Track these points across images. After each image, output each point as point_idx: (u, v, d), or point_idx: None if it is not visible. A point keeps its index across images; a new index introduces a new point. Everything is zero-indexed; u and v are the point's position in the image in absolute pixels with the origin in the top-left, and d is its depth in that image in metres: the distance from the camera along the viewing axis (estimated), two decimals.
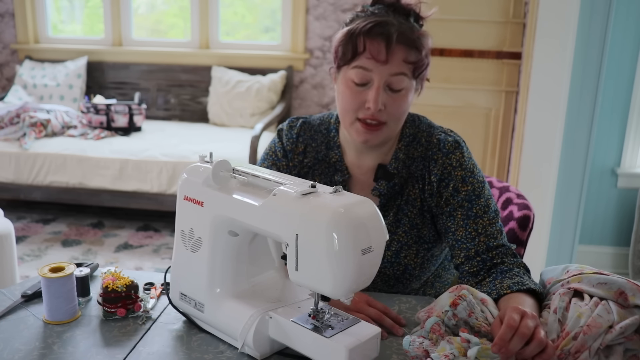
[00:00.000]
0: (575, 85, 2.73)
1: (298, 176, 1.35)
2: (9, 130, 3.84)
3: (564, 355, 0.96)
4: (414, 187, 1.32)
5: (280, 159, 1.39)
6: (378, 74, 1.21)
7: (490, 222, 1.27)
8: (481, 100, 3.13)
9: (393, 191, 1.33)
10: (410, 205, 1.32)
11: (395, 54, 1.21)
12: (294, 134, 1.38)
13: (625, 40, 3.01)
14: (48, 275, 1.13)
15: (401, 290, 1.37)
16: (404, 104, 1.25)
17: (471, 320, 1.03)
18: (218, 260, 1.10)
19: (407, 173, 1.33)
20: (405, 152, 1.33)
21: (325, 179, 1.36)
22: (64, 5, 4.83)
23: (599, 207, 3.24)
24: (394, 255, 1.33)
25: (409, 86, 1.25)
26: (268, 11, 4.61)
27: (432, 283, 1.42)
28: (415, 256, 1.33)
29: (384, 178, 1.32)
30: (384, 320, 1.14)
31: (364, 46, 1.21)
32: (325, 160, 1.37)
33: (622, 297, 1.02)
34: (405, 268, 1.33)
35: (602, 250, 3.28)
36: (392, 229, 1.33)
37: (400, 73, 1.22)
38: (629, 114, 3.11)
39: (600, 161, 3.18)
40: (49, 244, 3.50)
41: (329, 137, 1.37)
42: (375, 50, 1.20)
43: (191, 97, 4.47)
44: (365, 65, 1.21)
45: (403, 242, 1.33)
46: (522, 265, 1.23)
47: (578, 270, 1.12)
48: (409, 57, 1.22)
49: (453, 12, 3.06)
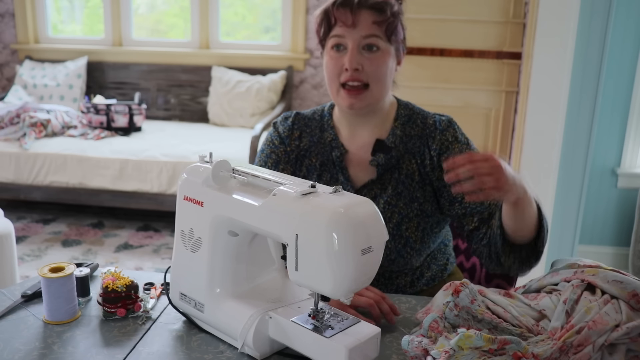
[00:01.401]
0: (575, 85, 2.73)
1: (296, 160, 1.45)
2: (9, 130, 3.85)
3: (566, 347, 0.96)
4: (411, 162, 1.39)
5: (277, 146, 1.46)
6: (350, 37, 1.33)
7: None
8: (481, 101, 3.13)
9: (390, 164, 1.39)
10: (409, 179, 1.38)
11: (363, 18, 1.32)
12: (289, 123, 1.47)
13: (625, 40, 3.01)
14: (48, 275, 1.13)
15: (401, 267, 1.39)
16: (382, 65, 1.34)
17: (474, 307, 1.03)
18: (218, 260, 1.10)
19: (404, 148, 1.40)
20: (402, 130, 1.41)
21: (323, 157, 1.43)
22: (64, 5, 4.83)
23: (599, 207, 3.24)
24: (395, 227, 1.37)
25: (385, 48, 1.35)
26: (268, 11, 4.61)
27: (429, 264, 1.44)
28: (416, 229, 1.37)
29: (382, 151, 1.39)
30: (382, 304, 1.17)
31: (335, 18, 1.34)
32: (320, 142, 1.44)
33: (635, 299, 1.01)
34: (406, 241, 1.37)
35: (602, 250, 3.28)
36: (392, 202, 1.38)
37: (372, 35, 1.33)
38: (629, 114, 3.11)
39: (600, 161, 3.18)
40: (49, 244, 3.50)
41: (322, 122, 1.46)
42: (343, 17, 1.33)
43: (191, 97, 4.47)
44: (339, 33, 1.34)
45: (404, 215, 1.37)
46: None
47: (596, 263, 1.12)
48: (375, 18, 1.33)
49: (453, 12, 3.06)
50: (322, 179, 1.42)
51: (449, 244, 1.51)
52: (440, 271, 1.47)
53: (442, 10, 3.08)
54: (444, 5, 3.06)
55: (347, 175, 1.41)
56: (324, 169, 1.43)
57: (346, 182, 1.40)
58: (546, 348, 0.96)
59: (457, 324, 1.03)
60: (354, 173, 1.41)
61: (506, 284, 1.54)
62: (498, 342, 0.92)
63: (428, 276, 1.45)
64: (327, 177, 1.42)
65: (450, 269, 1.50)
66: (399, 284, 1.42)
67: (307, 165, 1.44)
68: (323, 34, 1.38)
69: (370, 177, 1.40)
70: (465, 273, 1.64)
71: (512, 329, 1.03)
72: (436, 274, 1.46)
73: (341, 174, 1.41)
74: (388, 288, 1.43)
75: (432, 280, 1.45)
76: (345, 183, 1.40)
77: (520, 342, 0.93)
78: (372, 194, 1.39)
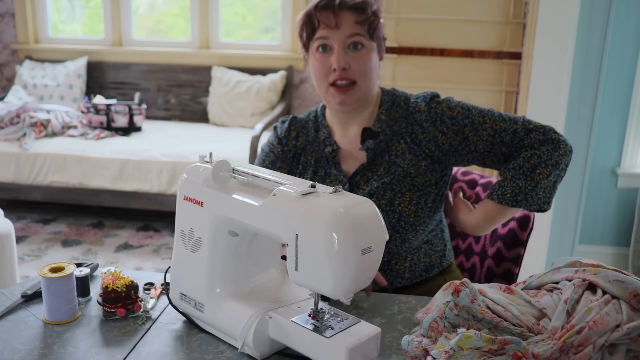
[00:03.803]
0: (575, 85, 2.73)
1: (293, 158, 1.51)
2: (9, 130, 3.85)
3: (566, 347, 0.96)
4: (400, 143, 1.42)
5: (275, 146, 1.54)
6: (335, 38, 1.37)
7: (495, 120, 1.37)
8: (481, 101, 3.13)
9: (379, 147, 1.43)
10: (400, 158, 1.42)
11: (345, 18, 1.37)
12: (286, 124, 1.54)
13: (625, 40, 3.01)
14: (48, 275, 1.13)
15: (399, 244, 1.42)
16: (367, 62, 1.39)
17: (474, 306, 1.03)
18: (218, 260, 1.10)
19: (391, 132, 1.43)
20: (387, 115, 1.45)
21: (317, 154, 1.49)
22: (64, 5, 4.83)
23: (599, 207, 3.24)
24: (388, 203, 1.41)
25: (368, 45, 1.39)
26: (268, 11, 4.61)
27: (426, 250, 1.47)
28: (409, 203, 1.41)
29: (370, 137, 1.44)
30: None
31: (318, 20, 1.39)
32: (315, 140, 1.50)
33: (636, 299, 1.01)
34: (400, 215, 1.41)
35: (602, 250, 3.28)
36: (386, 180, 1.41)
37: (355, 34, 1.38)
38: (629, 114, 3.11)
39: (600, 161, 3.18)
40: (49, 244, 3.50)
41: (317, 122, 1.52)
42: (326, 20, 1.37)
43: (191, 97, 4.47)
44: (323, 35, 1.38)
45: (397, 191, 1.41)
46: (532, 146, 1.35)
47: (597, 263, 1.12)
48: (357, 18, 1.38)
49: (453, 12, 3.06)
50: (317, 174, 1.47)
51: (445, 231, 1.54)
52: (439, 257, 1.49)
53: (442, 10, 3.08)
54: (444, 5, 3.06)
55: (340, 169, 1.45)
56: (318, 165, 1.48)
57: (339, 174, 1.45)
58: (546, 348, 0.96)
59: (457, 324, 1.03)
60: (347, 167, 1.46)
61: (506, 283, 1.54)
62: (498, 342, 0.92)
63: (426, 262, 1.47)
64: (321, 172, 1.47)
65: (448, 257, 1.52)
66: (398, 269, 1.44)
67: (303, 163, 1.50)
68: (307, 37, 1.42)
69: (361, 164, 1.44)
70: (465, 273, 1.64)
71: (513, 328, 1.03)
72: (434, 260, 1.48)
73: (334, 168, 1.45)
74: (387, 275, 1.44)
75: (430, 267, 1.47)
76: (337, 175, 1.45)
77: (520, 342, 0.93)
78: (364, 177, 1.43)
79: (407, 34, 3.12)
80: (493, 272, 1.56)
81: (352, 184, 1.43)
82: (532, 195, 1.34)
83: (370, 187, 1.41)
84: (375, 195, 1.40)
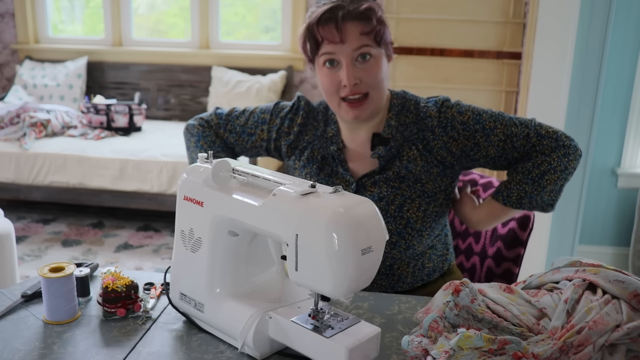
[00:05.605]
0: (575, 85, 2.73)
1: (288, 146, 1.49)
2: (9, 130, 3.85)
3: (566, 347, 0.96)
4: (411, 149, 1.40)
5: (283, 119, 1.49)
6: (341, 53, 1.31)
7: (506, 125, 1.36)
8: (481, 100, 3.13)
9: (390, 154, 1.40)
10: (412, 165, 1.39)
11: (349, 31, 1.31)
12: (303, 108, 1.50)
13: (625, 40, 3.01)
14: (48, 275, 1.13)
15: (403, 251, 1.40)
16: (377, 72, 1.34)
17: (474, 306, 1.03)
18: (218, 260, 1.10)
19: (402, 138, 1.41)
20: (397, 120, 1.41)
21: (323, 151, 1.45)
22: (64, 5, 4.83)
23: (599, 207, 3.24)
24: (397, 209, 1.38)
25: (376, 54, 1.34)
26: (268, 11, 4.61)
27: (430, 256, 1.45)
28: (417, 209, 1.38)
29: (380, 144, 1.40)
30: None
31: (321, 35, 1.32)
32: (323, 136, 1.47)
33: (636, 299, 1.01)
34: (407, 221, 1.38)
35: (602, 250, 3.28)
36: (395, 185, 1.38)
37: (363, 45, 1.32)
38: (629, 114, 3.11)
39: (600, 161, 3.18)
40: (49, 244, 3.50)
41: (327, 116, 1.48)
42: (330, 35, 1.31)
43: (191, 97, 4.47)
44: (329, 50, 1.32)
45: (407, 196, 1.38)
46: (543, 152, 1.34)
47: (597, 263, 1.12)
48: (363, 29, 1.31)
49: (453, 12, 3.06)
50: (322, 171, 1.45)
51: (449, 234, 1.53)
52: (441, 262, 1.48)
53: (442, 10, 3.08)
54: (444, 5, 3.06)
55: (347, 168, 1.42)
56: (325, 162, 1.45)
57: (345, 173, 1.42)
58: (546, 348, 0.96)
59: (457, 324, 1.03)
60: (354, 167, 1.44)
61: (506, 283, 1.54)
62: (498, 342, 0.92)
63: (430, 267, 1.46)
64: (327, 170, 1.45)
65: (450, 260, 1.51)
66: (400, 274, 1.43)
67: (308, 157, 1.47)
68: (311, 51, 1.36)
69: (371, 169, 1.42)
70: (465, 273, 1.64)
71: (513, 328, 1.03)
72: (437, 264, 1.47)
73: (340, 166, 1.43)
74: (389, 279, 1.43)
75: (433, 272, 1.46)
76: (344, 174, 1.42)
77: (520, 342, 0.93)
78: (372, 180, 1.40)
79: (407, 34, 3.12)
80: (493, 272, 1.56)
81: (359, 185, 1.41)
82: (537, 199, 1.35)
83: (380, 192, 1.39)
84: (385, 200, 1.38)
